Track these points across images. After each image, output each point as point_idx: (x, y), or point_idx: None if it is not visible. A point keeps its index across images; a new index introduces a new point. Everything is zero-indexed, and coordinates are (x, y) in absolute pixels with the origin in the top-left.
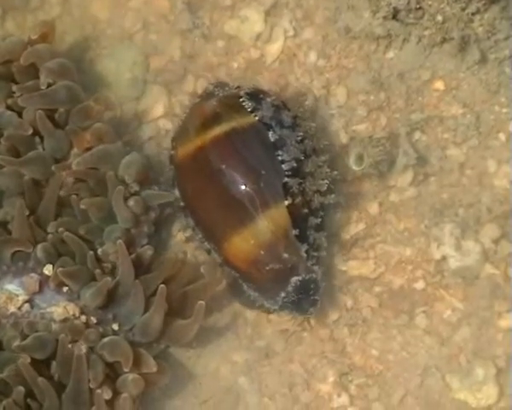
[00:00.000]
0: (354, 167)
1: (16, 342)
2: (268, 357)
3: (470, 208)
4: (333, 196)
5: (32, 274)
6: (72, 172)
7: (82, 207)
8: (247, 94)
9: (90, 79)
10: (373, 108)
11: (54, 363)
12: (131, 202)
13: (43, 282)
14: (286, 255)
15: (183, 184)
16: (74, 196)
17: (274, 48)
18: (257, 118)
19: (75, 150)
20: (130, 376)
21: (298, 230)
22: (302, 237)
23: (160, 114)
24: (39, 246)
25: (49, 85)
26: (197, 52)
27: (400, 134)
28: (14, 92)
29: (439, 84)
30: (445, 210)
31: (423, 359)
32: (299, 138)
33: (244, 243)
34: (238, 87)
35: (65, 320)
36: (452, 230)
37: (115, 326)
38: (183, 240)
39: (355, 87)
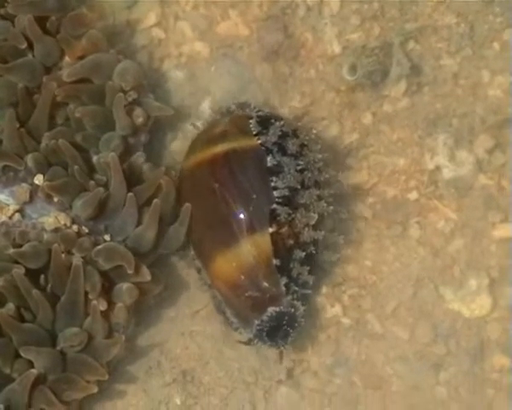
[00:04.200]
0: (347, 77)
1: (9, 251)
2: None
3: (464, 119)
4: (322, 232)
5: (23, 184)
6: (64, 90)
7: (77, 115)
8: (259, 117)
9: None
10: (366, 18)
11: (42, 276)
12: (140, 119)
13: (34, 192)
14: (265, 284)
15: (180, 196)
16: (71, 107)
17: None
18: (259, 141)
19: (67, 59)
20: (125, 285)
21: (279, 260)
22: (283, 269)
23: (153, 23)
24: (30, 156)
25: None
26: None
27: (394, 44)
28: (6, 1)
29: None
30: (439, 120)
31: (416, 270)
32: (300, 168)
33: (227, 264)
34: (259, 110)
35: (56, 230)
36: (446, 140)
37: (107, 237)
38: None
39: None
